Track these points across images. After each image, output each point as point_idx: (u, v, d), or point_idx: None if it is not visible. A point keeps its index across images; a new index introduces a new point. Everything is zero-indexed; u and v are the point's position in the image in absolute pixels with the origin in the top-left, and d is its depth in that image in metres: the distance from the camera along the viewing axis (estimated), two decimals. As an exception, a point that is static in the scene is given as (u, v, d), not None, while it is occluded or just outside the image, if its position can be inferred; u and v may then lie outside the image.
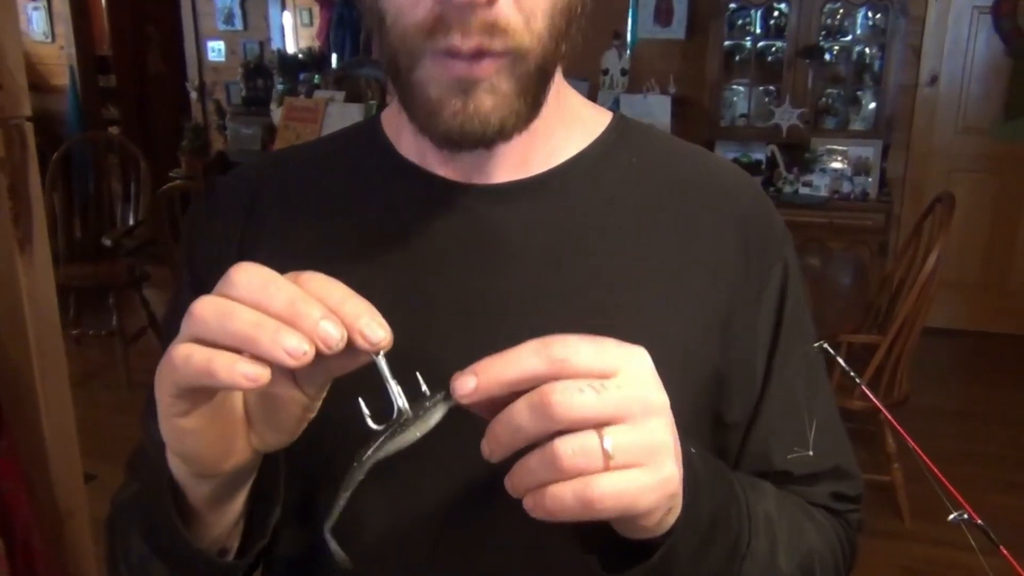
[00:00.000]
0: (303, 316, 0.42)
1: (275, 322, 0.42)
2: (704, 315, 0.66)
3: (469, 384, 0.44)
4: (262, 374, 0.42)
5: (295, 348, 0.41)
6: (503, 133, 0.58)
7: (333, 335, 0.42)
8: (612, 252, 0.65)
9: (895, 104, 4.22)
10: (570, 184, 0.67)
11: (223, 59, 5.66)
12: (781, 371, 0.69)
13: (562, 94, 0.68)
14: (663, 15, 4.64)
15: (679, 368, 0.62)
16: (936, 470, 0.46)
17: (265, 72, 5.20)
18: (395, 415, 0.47)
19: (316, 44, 5.53)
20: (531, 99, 0.58)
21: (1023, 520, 2.79)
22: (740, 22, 4.46)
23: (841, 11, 4.26)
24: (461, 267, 0.64)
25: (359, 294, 0.56)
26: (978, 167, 4.39)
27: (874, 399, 0.53)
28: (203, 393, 0.46)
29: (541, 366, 0.43)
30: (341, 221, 0.68)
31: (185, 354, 0.43)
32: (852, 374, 0.53)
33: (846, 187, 4.16)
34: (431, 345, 0.62)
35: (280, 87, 4.89)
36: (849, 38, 4.32)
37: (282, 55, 5.19)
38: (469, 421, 0.48)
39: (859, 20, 4.27)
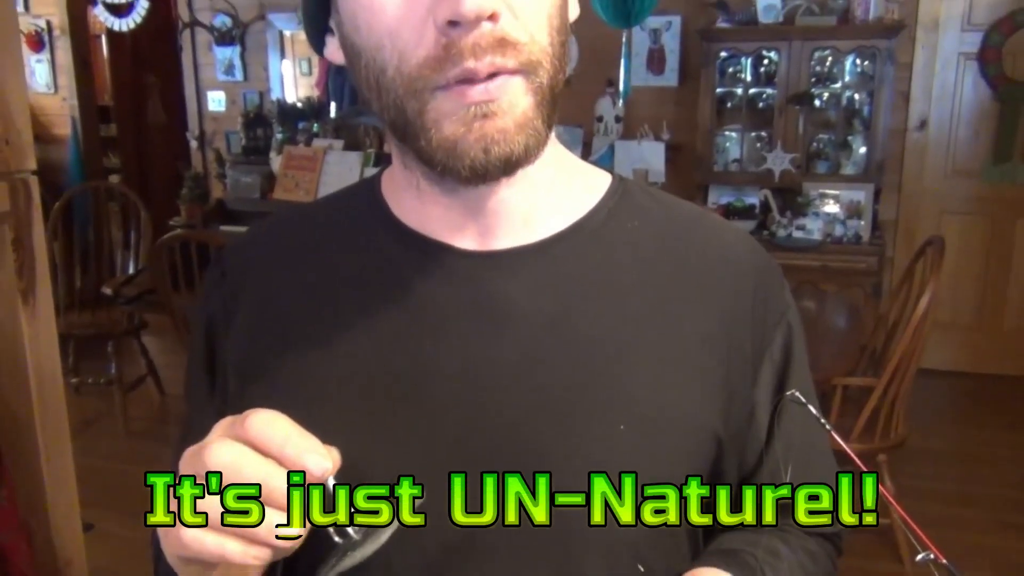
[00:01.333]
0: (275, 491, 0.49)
1: (270, 514, 0.49)
2: (705, 380, 0.66)
3: None
4: (266, 555, 0.50)
5: (291, 533, 0.49)
6: (527, 154, 0.58)
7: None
8: (613, 318, 0.65)
9: (885, 148, 4.28)
10: (571, 250, 0.67)
11: (223, 109, 5.74)
12: (783, 426, 0.70)
13: (561, 156, 0.70)
14: (655, 64, 4.73)
15: (678, 434, 0.64)
16: (898, 507, 0.48)
17: (265, 121, 5.27)
18: (346, 538, 0.52)
19: (315, 93, 5.61)
20: (546, 117, 0.59)
21: (1022, 561, 2.79)
22: (731, 70, 4.55)
23: (830, 58, 4.35)
24: (462, 334, 0.64)
25: (352, 361, 0.61)
26: (969, 209, 4.44)
27: (839, 440, 0.55)
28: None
29: None
30: (341, 289, 0.68)
31: (197, 538, 0.49)
32: (823, 421, 0.55)
33: (839, 230, 4.21)
34: (432, 411, 0.63)
35: (279, 136, 4.96)
36: (838, 84, 4.39)
37: (281, 104, 5.26)
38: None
39: (847, 67, 4.35)
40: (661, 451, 0.64)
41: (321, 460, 0.49)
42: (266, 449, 0.49)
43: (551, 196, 0.68)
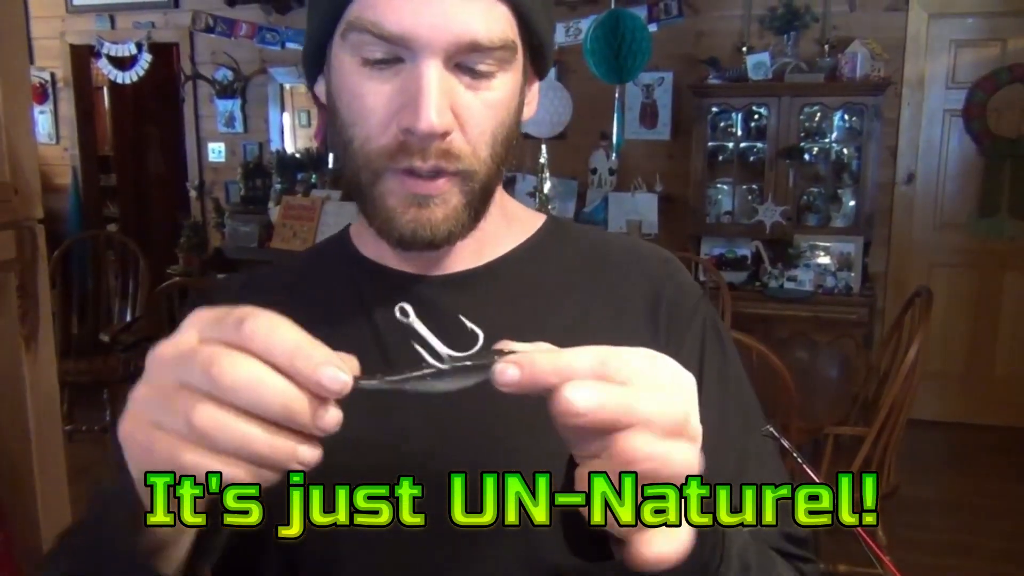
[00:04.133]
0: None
1: (316, 356, 0.43)
2: None
3: (512, 376, 0.45)
4: (275, 478, 0.44)
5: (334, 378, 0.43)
6: (449, 239, 0.69)
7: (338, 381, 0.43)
8: (553, 325, 0.76)
9: (874, 202, 4.35)
10: (512, 270, 0.79)
11: (223, 159, 5.81)
12: (705, 419, 0.74)
13: (504, 201, 0.81)
14: (648, 118, 4.83)
15: None
16: (878, 550, 0.51)
17: (264, 172, 5.34)
18: (431, 363, 0.47)
19: (314, 145, 5.69)
20: (474, 212, 0.70)
21: (1016, 613, 2.78)
22: (722, 124, 4.64)
23: (818, 114, 4.44)
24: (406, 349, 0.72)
25: None
26: (958, 261, 4.51)
27: (809, 471, 0.57)
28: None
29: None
30: (316, 320, 0.72)
31: (198, 463, 0.43)
32: (789, 447, 0.58)
33: (830, 282, 4.26)
34: (401, 423, 0.71)
35: (278, 186, 5.02)
36: (827, 139, 4.48)
37: (280, 156, 5.34)
38: None
39: (836, 122, 4.44)
40: None
41: (337, 372, 0.43)
42: (271, 361, 0.43)
43: (496, 231, 0.79)
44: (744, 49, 4.51)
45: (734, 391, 0.78)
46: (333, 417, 0.44)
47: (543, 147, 3.59)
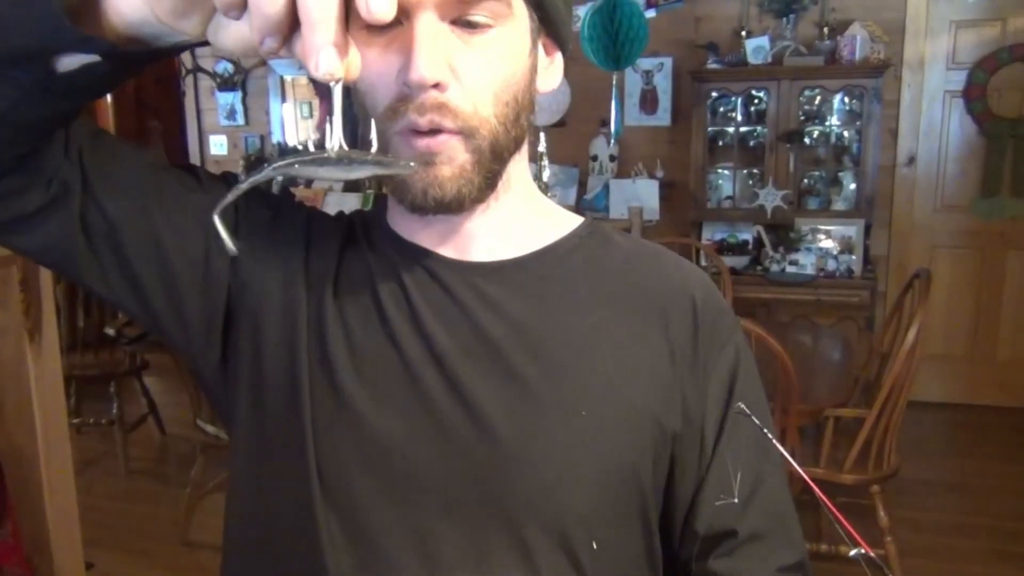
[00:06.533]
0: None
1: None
2: (657, 384, 0.75)
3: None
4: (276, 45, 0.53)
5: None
6: (459, 201, 0.68)
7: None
8: (576, 323, 0.75)
9: (875, 184, 4.35)
10: (541, 266, 0.77)
11: (225, 152, 5.82)
12: (727, 450, 0.77)
13: (536, 196, 0.81)
14: (648, 104, 4.82)
15: (628, 421, 0.73)
16: (823, 496, 0.52)
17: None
18: (328, 149, 0.53)
19: (315, 136, 5.70)
20: (485, 173, 0.69)
21: (1017, 591, 2.79)
22: (722, 109, 4.63)
23: (818, 97, 4.43)
24: (441, 323, 0.73)
25: (369, 342, 0.71)
26: (960, 243, 4.51)
27: (786, 454, 0.59)
28: None
29: None
30: (357, 276, 0.77)
31: None
32: (769, 435, 0.60)
33: (831, 265, 4.26)
34: (422, 389, 0.71)
35: (280, 178, 5.03)
36: (827, 122, 4.48)
37: (282, 147, 5.35)
38: None
39: (836, 105, 4.44)
40: (614, 435, 0.73)
41: (332, 61, 0.51)
42: (303, 12, 0.50)
43: (520, 226, 0.78)
44: (743, 33, 4.50)
45: (758, 418, 0.78)
46: None
47: (542, 135, 3.60)
